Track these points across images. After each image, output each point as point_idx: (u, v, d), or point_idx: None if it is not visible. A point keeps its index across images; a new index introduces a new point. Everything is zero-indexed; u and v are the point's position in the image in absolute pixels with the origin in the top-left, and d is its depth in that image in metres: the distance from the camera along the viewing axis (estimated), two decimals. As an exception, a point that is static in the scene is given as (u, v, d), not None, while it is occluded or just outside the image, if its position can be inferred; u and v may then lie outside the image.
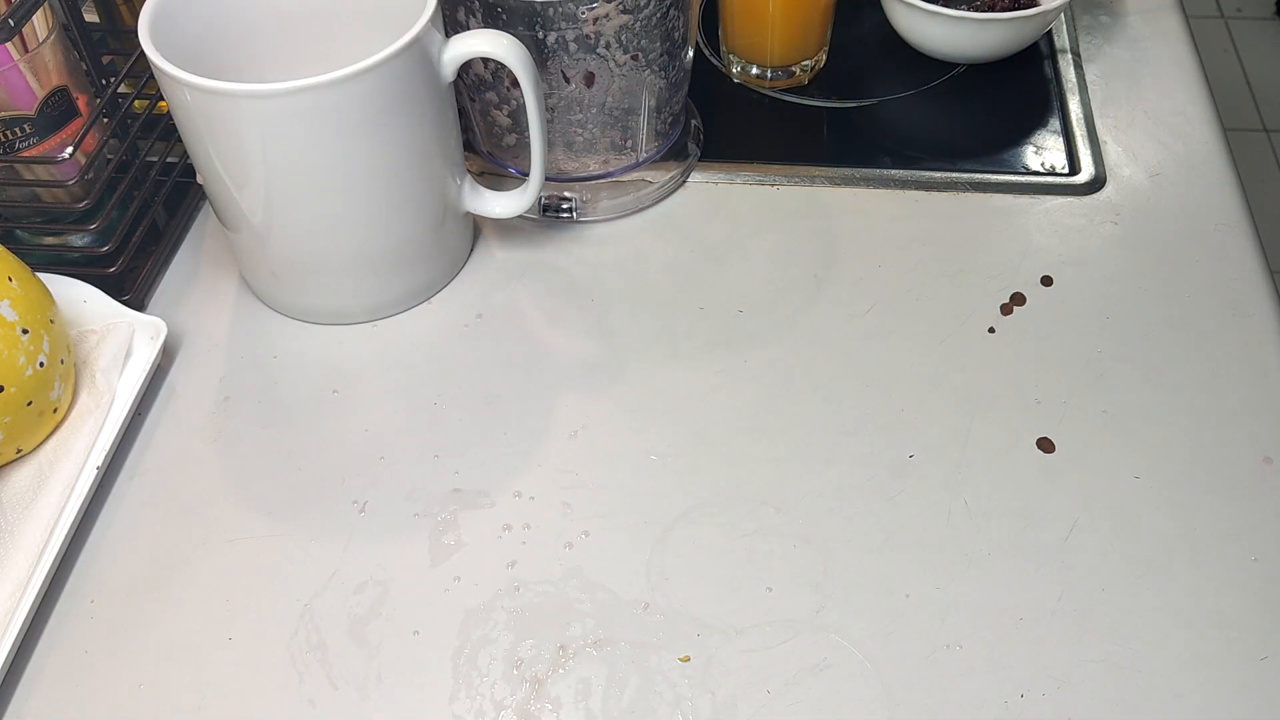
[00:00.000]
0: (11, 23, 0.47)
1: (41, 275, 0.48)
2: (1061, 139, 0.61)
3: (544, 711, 0.40)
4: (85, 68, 0.53)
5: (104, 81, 0.54)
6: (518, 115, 0.55)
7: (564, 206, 0.57)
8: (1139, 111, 0.63)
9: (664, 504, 0.46)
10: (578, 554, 0.44)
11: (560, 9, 0.50)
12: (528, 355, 0.52)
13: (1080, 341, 0.51)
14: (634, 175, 0.58)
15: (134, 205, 0.55)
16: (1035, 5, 0.63)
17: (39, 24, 0.50)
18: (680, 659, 0.41)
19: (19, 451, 0.47)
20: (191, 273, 0.57)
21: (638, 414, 0.49)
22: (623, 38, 0.51)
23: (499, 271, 0.56)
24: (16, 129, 0.51)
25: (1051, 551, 0.44)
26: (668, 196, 0.59)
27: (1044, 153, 0.61)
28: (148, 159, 0.56)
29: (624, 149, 0.57)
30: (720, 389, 0.50)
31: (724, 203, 0.58)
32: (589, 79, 0.53)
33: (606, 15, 0.50)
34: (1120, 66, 0.65)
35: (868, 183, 0.59)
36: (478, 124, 0.57)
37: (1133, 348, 0.51)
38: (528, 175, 0.53)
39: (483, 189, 0.55)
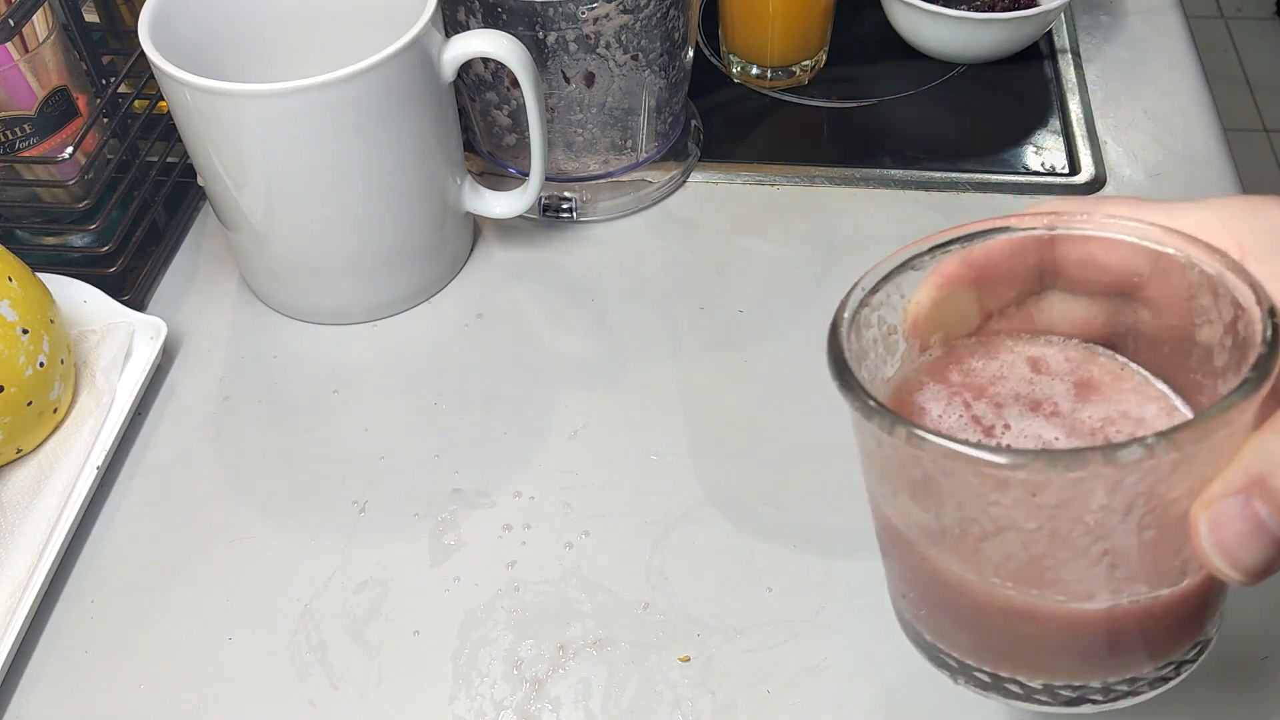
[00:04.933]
0: (11, 23, 0.47)
1: (41, 275, 0.48)
2: (1061, 139, 0.61)
3: (544, 711, 0.40)
4: (85, 68, 0.53)
5: (104, 81, 0.54)
6: (518, 115, 0.55)
7: (564, 206, 0.57)
8: (1139, 111, 0.63)
9: (664, 504, 0.46)
10: (578, 554, 0.44)
11: (560, 9, 0.50)
12: (528, 355, 0.52)
13: (1080, 341, 0.51)
14: (634, 175, 0.58)
15: (134, 205, 0.55)
16: (1035, 5, 0.63)
17: (39, 24, 0.50)
18: (680, 659, 0.41)
19: (19, 451, 0.47)
20: (191, 273, 0.57)
21: (638, 414, 0.49)
22: (623, 38, 0.51)
23: (499, 271, 0.56)
24: (16, 129, 0.51)
25: (1051, 551, 0.44)
26: (668, 196, 0.59)
27: (1044, 153, 0.61)
28: (148, 159, 0.56)
29: (624, 149, 0.57)
30: (720, 389, 0.50)
31: (724, 203, 0.58)
32: (589, 79, 0.53)
33: (606, 15, 0.50)
34: (1120, 66, 0.65)
35: (868, 183, 0.59)
36: (478, 124, 0.57)
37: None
38: (528, 175, 0.53)
39: (483, 189, 0.55)
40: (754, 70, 0.65)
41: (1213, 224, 0.26)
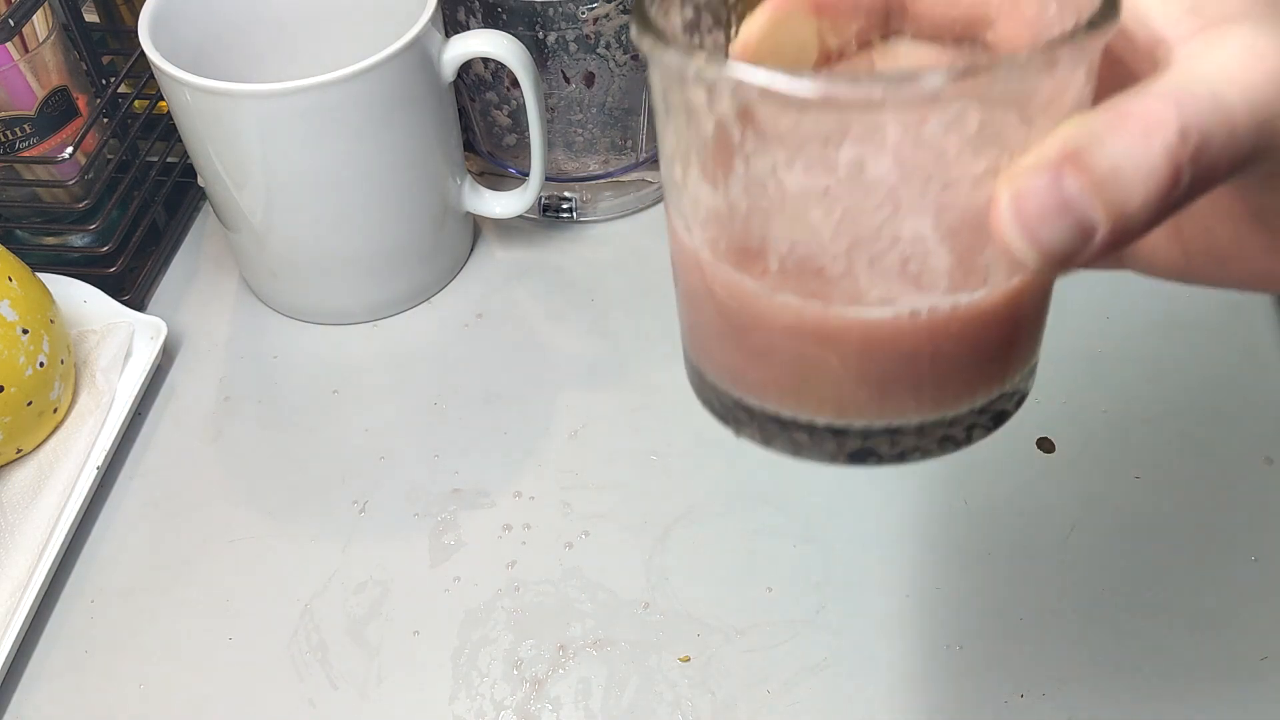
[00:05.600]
0: (11, 23, 0.47)
1: (41, 275, 0.48)
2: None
3: (544, 711, 0.40)
4: (85, 68, 0.53)
5: (104, 81, 0.54)
6: (518, 115, 0.55)
7: (564, 206, 0.57)
8: (1139, 111, 0.62)
9: (664, 504, 0.46)
10: (578, 554, 0.44)
11: (560, 9, 0.50)
12: (528, 355, 0.52)
13: (1080, 341, 0.51)
14: (634, 175, 0.58)
15: (134, 205, 0.55)
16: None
17: (39, 24, 0.50)
18: (680, 659, 0.41)
19: (19, 451, 0.47)
20: (191, 273, 0.57)
21: (638, 414, 0.49)
22: (623, 38, 0.51)
23: (499, 271, 0.56)
24: (16, 129, 0.51)
25: (1051, 551, 0.44)
26: (668, 196, 0.59)
27: (1044, 153, 0.61)
28: (148, 159, 0.56)
29: (624, 149, 0.57)
30: (720, 389, 0.50)
31: (724, 203, 0.58)
32: (589, 79, 0.53)
33: (606, 15, 0.50)
34: (1120, 66, 0.65)
35: (868, 183, 0.59)
36: (478, 124, 0.57)
37: (1133, 347, 0.51)
38: (528, 175, 0.53)
39: (483, 189, 0.55)
40: (754, 70, 0.65)
41: None
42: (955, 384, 0.25)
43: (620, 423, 0.49)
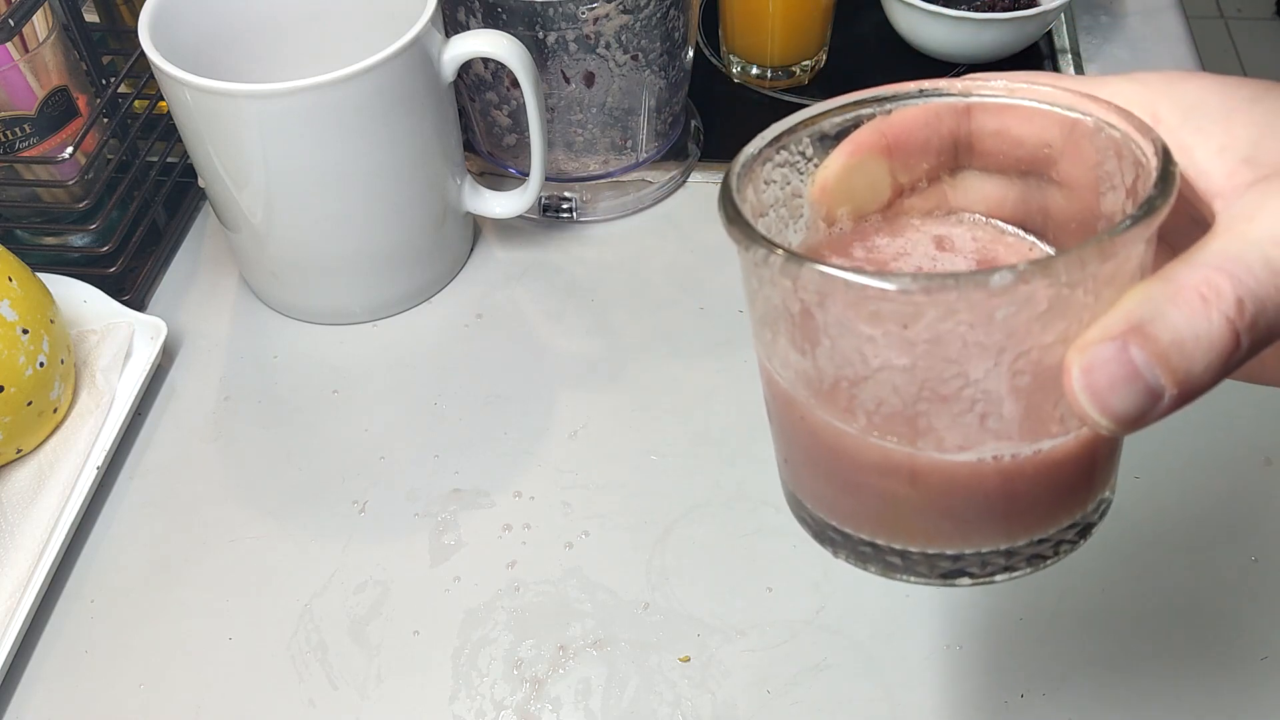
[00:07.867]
0: (11, 23, 0.47)
1: (41, 275, 0.48)
2: (1061, 139, 0.61)
3: (544, 711, 0.40)
4: (85, 68, 0.53)
5: (104, 81, 0.54)
6: (518, 115, 0.55)
7: (564, 206, 0.57)
8: (1139, 111, 0.62)
9: (664, 504, 0.46)
10: (578, 554, 0.44)
11: (560, 9, 0.50)
12: (528, 355, 0.52)
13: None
14: (634, 175, 0.58)
15: (134, 205, 0.55)
16: (1035, 5, 0.63)
17: (39, 24, 0.50)
18: (680, 659, 0.41)
19: (19, 451, 0.47)
20: (191, 273, 0.57)
21: (638, 414, 0.49)
22: (623, 38, 0.51)
23: (499, 271, 0.56)
24: (16, 129, 0.51)
25: (1051, 551, 0.44)
26: (668, 196, 0.59)
27: (1044, 153, 0.61)
28: (148, 159, 0.56)
29: (624, 149, 0.57)
30: (720, 389, 0.50)
31: (724, 203, 0.58)
32: (589, 79, 0.53)
33: (606, 15, 0.50)
34: (1120, 67, 0.65)
35: (868, 183, 0.59)
36: (478, 124, 0.57)
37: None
38: (528, 175, 0.53)
39: (483, 189, 0.55)
40: (754, 70, 0.65)
41: (1130, 94, 0.25)
42: (1039, 516, 0.26)
43: (620, 423, 0.49)
